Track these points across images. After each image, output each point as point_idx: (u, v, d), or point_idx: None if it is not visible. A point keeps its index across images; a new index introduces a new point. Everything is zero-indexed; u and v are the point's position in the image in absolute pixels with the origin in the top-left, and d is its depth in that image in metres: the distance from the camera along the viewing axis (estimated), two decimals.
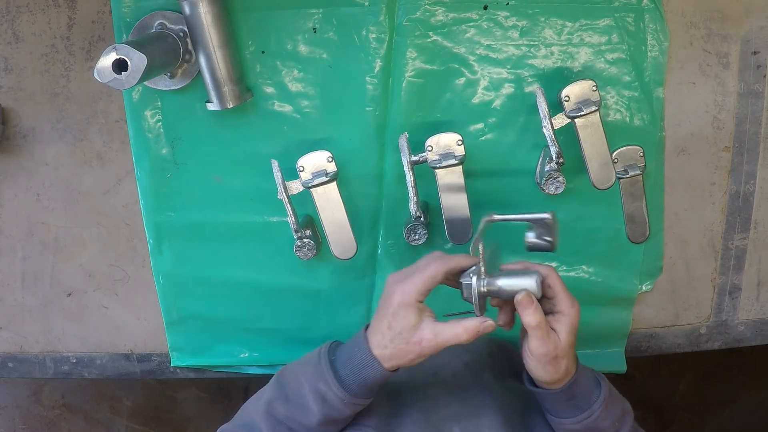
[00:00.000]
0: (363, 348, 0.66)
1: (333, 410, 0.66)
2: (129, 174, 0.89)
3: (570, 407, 0.68)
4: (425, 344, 0.63)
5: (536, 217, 0.67)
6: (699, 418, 1.90)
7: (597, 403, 0.67)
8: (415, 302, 0.64)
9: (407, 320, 0.64)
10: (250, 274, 0.92)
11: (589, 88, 0.78)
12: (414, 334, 0.63)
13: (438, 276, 0.65)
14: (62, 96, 0.86)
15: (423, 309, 0.65)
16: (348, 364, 0.67)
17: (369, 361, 0.65)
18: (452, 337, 0.63)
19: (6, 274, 0.95)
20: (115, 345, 0.98)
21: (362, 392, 0.66)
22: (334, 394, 0.66)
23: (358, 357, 0.66)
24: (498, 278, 0.65)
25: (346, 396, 0.65)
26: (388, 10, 0.80)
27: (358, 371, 0.66)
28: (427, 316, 0.65)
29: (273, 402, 0.69)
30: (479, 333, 0.63)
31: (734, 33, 0.83)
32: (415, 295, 0.65)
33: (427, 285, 0.65)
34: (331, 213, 0.83)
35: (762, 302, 0.96)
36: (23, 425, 1.95)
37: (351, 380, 0.66)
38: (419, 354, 0.64)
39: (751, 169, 0.89)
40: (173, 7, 0.79)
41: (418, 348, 0.63)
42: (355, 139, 0.85)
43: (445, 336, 0.63)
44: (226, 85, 0.78)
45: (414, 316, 0.64)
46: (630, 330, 0.96)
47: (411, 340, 0.63)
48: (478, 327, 0.63)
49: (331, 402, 0.66)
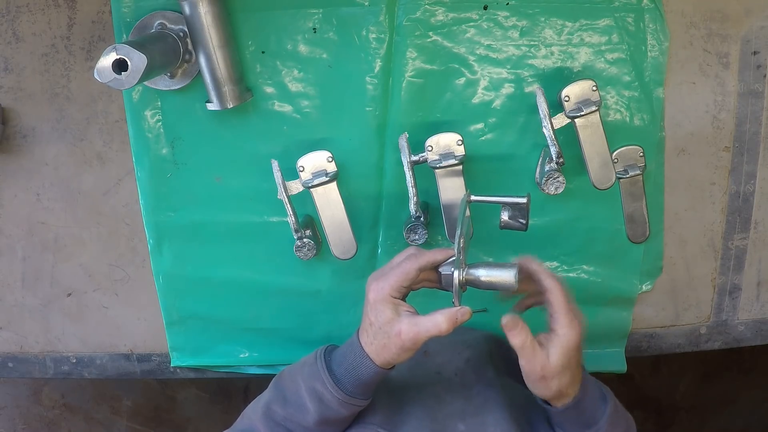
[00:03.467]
0: (356, 346, 0.67)
1: (329, 410, 0.67)
2: (129, 174, 0.89)
3: (576, 423, 0.67)
4: (404, 336, 0.63)
5: (513, 200, 0.70)
6: (699, 418, 1.90)
7: (602, 421, 0.67)
8: (389, 298, 0.65)
9: (384, 315, 0.64)
10: (250, 274, 0.92)
11: (589, 88, 0.78)
12: (392, 327, 0.64)
13: (411, 272, 0.66)
14: (62, 96, 0.86)
15: (399, 304, 0.66)
16: (343, 363, 0.67)
17: (362, 358, 0.66)
18: (432, 325, 0.63)
19: (6, 274, 0.95)
20: (115, 345, 0.98)
21: (358, 391, 0.67)
22: (330, 394, 0.66)
23: (351, 356, 0.67)
24: (477, 269, 0.65)
25: (342, 395, 0.66)
26: (388, 10, 0.80)
27: (352, 370, 0.66)
28: (404, 311, 0.65)
29: (271, 404, 0.69)
30: (457, 321, 0.63)
31: (734, 33, 0.83)
32: (388, 290, 0.65)
33: (400, 281, 0.65)
34: (331, 213, 0.83)
35: (762, 302, 0.96)
36: (23, 425, 1.95)
37: (346, 379, 0.67)
38: (401, 347, 0.64)
39: (751, 169, 0.89)
40: (173, 7, 0.79)
41: (399, 340, 0.63)
42: (355, 139, 0.85)
43: (424, 325, 0.63)
44: (226, 85, 0.78)
45: (389, 311, 0.64)
46: (630, 330, 0.96)
47: (391, 333, 0.64)
48: (456, 314, 0.63)
49: (327, 402, 0.66)
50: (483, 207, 0.75)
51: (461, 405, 0.72)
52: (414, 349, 0.64)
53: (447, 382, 0.76)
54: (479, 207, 0.74)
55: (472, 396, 0.73)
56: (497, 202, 0.71)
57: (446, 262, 0.67)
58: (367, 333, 0.66)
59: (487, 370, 0.78)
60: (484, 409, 0.70)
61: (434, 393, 0.74)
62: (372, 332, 0.65)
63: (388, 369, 0.67)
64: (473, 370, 0.78)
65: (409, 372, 0.78)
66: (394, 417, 0.70)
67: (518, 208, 0.70)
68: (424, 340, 0.63)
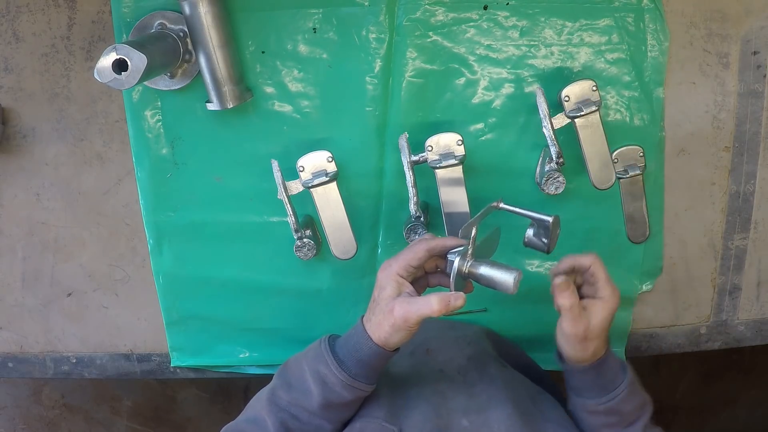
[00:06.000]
0: (358, 327, 0.68)
1: (332, 393, 0.67)
2: (129, 174, 0.89)
3: (596, 387, 0.71)
4: (396, 313, 0.64)
5: (539, 216, 0.71)
6: (699, 418, 1.90)
7: (621, 387, 0.70)
8: (395, 275, 0.66)
9: (385, 291, 0.66)
10: (250, 274, 0.92)
11: (589, 88, 0.78)
12: (388, 303, 0.65)
13: (420, 252, 0.67)
14: (62, 96, 0.86)
15: (402, 283, 0.67)
16: (345, 345, 0.68)
17: (363, 338, 0.67)
18: (424, 305, 0.63)
19: (6, 274, 0.95)
20: (115, 345, 0.98)
21: (361, 373, 0.67)
22: (333, 375, 0.66)
23: (354, 337, 0.68)
24: (482, 265, 0.66)
25: (345, 376, 0.66)
26: (388, 10, 0.80)
27: (355, 350, 0.67)
28: (406, 291, 0.66)
29: (276, 390, 0.70)
30: (449, 305, 0.64)
31: (734, 33, 0.83)
32: (396, 268, 0.66)
33: (408, 260, 0.67)
34: (331, 213, 0.83)
35: (762, 302, 0.96)
36: (23, 425, 1.95)
37: (349, 360, 0.67)
38: (393, 324, 0.64)
39: (751, 169, 0.89)
40: (173, 7, 0.79)
41: (392, 317, 0.64)
42: (355, 139, 0.85)
43: (416, 305, 0.64)
44: (226, 85, 0.78)
45: (391, 288, 0.66)
46: (630, 330, 0.96)
47: (385, 309, 0.65)
48: (449, 298, 0.64)
49: (330, 384, 0.67)
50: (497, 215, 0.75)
51: (464, 402, 0.72)
52: (405, 328, 0.64)
53: (450, 379, 0.76)
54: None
55: (475, 393, 0.74)
56: (524, 215, 0.72)
57: (455, 250, 0.68)
58: (370, 310, 0.67)
59: (489, 366, 0.79)
60: (488, 406, 0.71)
61: (438, 390, 0.74)
62: (372, 308, 0.67)
63: (389, 351, 0.67)
64: (476, 367, 0.78)
65: (413, 369, 0.78)
66: (398, 411, 0.71)
67: (543, 226, 0.72)
68: (416, 319, 0.64)
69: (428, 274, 0.71)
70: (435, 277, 0.71)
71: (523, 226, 0.74)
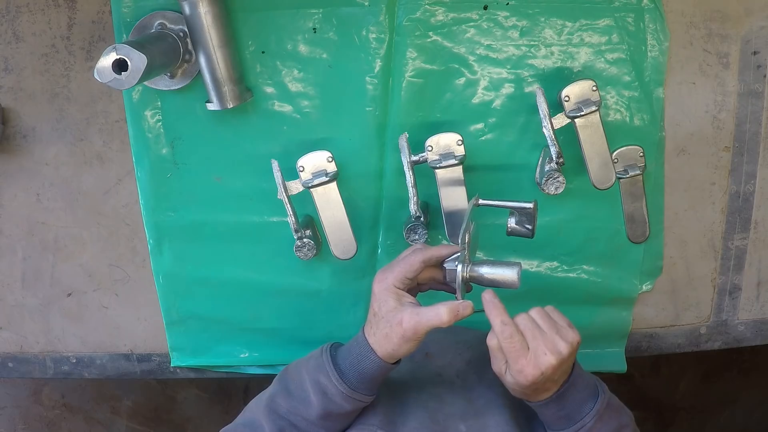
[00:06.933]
0: (360, 340, 0.67)
1: (332, 404, 0.67)
2: (129, 174, 0.89)
3: (560, 419, 0.66)
4: (405, 325, 0.64)
5: (520, 205, 0.71)
6: (699, 418, 1.90)
7: (590, 415, 0.65)
8: (393, 288, 0.66)
9: (387, 304, 0.66)
10: (250, 274, 0.92)
11: (589, 88, 0.78)
12: (395, 316, 0.65)
13: (415, 264, 0.67)
14: (62, 96, 0.86)
15: (402, 294, 0.67)
16: (348, 357, 0.68)
17: (366, 351, 0.66)
18: (434, 316, 0.63)
19: (6, 274, 0.95)
20: (115, 345, 0.98)
21: (362, 386, 0.67)
22: (334, 387, 0.66)
23: (356, 349, 0.67)
24: (481, 266, 0.67)
25: (346, 389, 0.66)
26: (388, 10, 0.80)
27: (356, 363, 0.67)
28: (407, 301, 0.66)
29: (275, 397, 0.70)
30: (459, 314, 0.64)
31: (734, 33, 0.83)
32: (392, 281, 0.66)
33: (404, 272, 0.67)
34: (331, 213, 0.83)
35: (762, 302, 0.96)
36: (23, 425, 1.95)
37: (351, 373, 0.67)
38: (402, 336, 0.64)
39: (751, 169, 0.89)
40: (173, 7, 0.79)
41: (400, 329, 0.64)
42: (355, 139, 0.85)
43: (426, 315, 0.63)
44: (226, 85, 0.78)
45: (392, 300, 0.66)
46: (630, 330, 0.96)
47: (393, 322, 0.64)
48: (458, 307, 0.64)
49: (331, 395, 0.66)
50: (485, 211, 0.75)
51: (462, 406, 0.72)
52: (415, 339, 0.64)
53: (448, 384, 0.76)
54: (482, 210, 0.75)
55: (474, 398, 0.73)
56: (504, 206, 0.72)
57: (450, 258, 0.68)
58: (371, 324, 0.67)
59: (488, 371, 0.78)
60: (486, 411, 0.71)
61: (435, 394, 0.74)
62: (375, 322, 0.66)
63: (391, 363, 0.67)
64: (475, 372, 0.78)
65: (411, 374, 0.78)
66: (394, 418, 0.70)
67: (525, 213, 0.72)
68: (425, 330, 0.64)
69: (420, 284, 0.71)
70: (426, 284, 0.71)
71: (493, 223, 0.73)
